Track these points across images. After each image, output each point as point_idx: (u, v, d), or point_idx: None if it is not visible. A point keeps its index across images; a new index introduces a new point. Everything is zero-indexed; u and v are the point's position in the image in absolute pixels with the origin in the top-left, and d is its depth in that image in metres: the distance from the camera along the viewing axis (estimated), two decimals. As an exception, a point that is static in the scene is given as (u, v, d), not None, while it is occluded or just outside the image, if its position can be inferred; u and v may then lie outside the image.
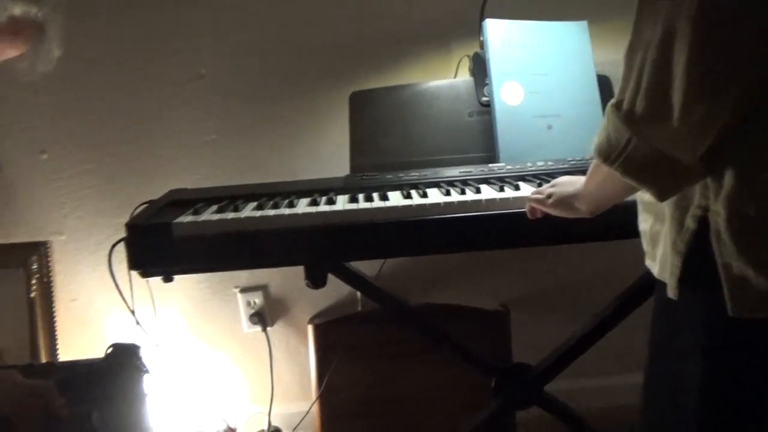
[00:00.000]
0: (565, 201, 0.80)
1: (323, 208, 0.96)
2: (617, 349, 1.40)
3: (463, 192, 0.99)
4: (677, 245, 0.61)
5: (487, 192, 1.00)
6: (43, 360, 1.52)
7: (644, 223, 0.69)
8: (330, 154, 1.48)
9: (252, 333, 1.63)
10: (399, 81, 1.37)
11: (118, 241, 1.02)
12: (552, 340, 1.28)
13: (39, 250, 1.53)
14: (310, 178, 1.19)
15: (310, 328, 1.56)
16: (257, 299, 1.61)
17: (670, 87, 0.54)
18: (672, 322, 0.65)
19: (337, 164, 1.34)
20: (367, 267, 1.31)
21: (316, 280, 0.95)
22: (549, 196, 0.84)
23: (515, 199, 0.95)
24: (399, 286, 1.35)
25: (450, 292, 1.58)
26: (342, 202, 0.99)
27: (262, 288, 1.62)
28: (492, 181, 1.06)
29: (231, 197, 1.05)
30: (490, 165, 1.16)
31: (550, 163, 1.14)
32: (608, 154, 0.60)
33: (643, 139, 0.57)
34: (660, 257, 0.64)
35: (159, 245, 0.91)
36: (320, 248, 0.93)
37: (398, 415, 1.55)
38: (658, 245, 0.66)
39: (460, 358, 1.22)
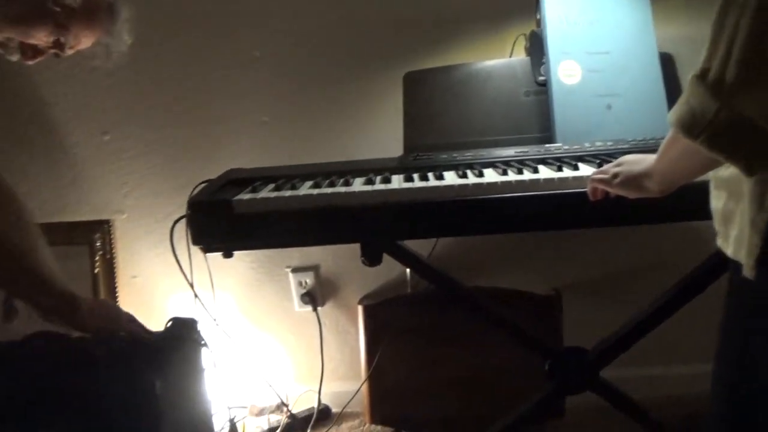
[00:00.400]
0: (634, 180, 0.78)
1: (379, 186, 0.96)
2: (669, 339, 1.37)
3: (520, 172, 0.98)
4: (757, 223, 0.58)
5: (545, 172, 0.98)
6: (106, 333, 1.59)
7: (717, 200, 0.67)
8: (383, 135, 1.48)
9: (303, 312, 1.66)
10: (453, 61, 1.36)
11: (180, 218, 1.06)
12: (604, 327, 1.26)
13: (102, 228, 1.59)
14: (364, 159, 1.20)
15: (360, 309, 1.58)
16: (308, 279, 1.64)
17: (766, 52, 0.51)
18: (748, 303, 0.63)
19: (391, 145, 1.34)
20: (418, 248, 1.31)
21: (371, 258, 0.96)
22: (615, 175, 0.81)
23: (575, 179, 0.93)
24: (449, 268, 1.35)
25: (500, 275, 1.56)
26: (397, 182, 0.99)
27: (314, 268, 1.64)
28: (549, 161, 1.04)
29: (287, 176, 1.07)
30: (547, 145, 1.14)
31: (609, 143, 1.11)
32: (692, 127, 0.57)
33: (733, 109, 0.54)
34: (735, 236, 0.62)
35: (219, 221, 0.94)
36: (376, 226, 0.94)
37: (447, 398, 1.55)
38: (731, 224, 0.63)
39: (515, 341, 1.21)
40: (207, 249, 0.97)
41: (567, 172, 0.97)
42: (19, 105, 1.58)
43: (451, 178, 0.98)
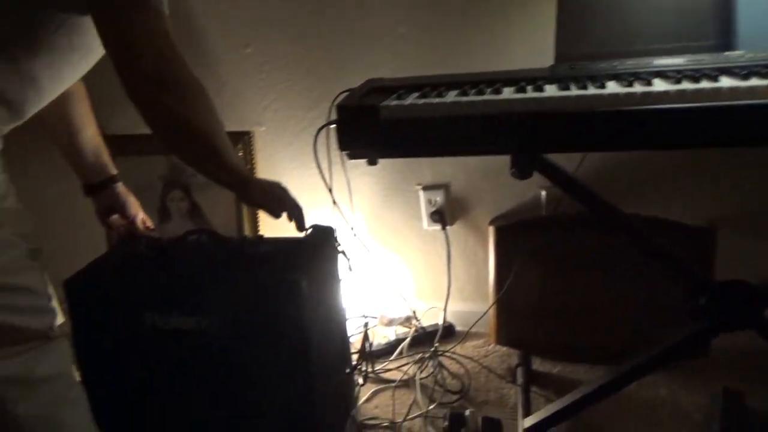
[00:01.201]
0: None
1: (533, 94, 0.90)
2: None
3: (696, 81, 0.87)
4: None
5: (728, 81, 0.86)
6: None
7: None
8: (528, 47, 1.39)
9: (431, 231, 1.66)
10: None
11: (325, 125, 1.06)
12: (760, 267, 1.13)
13: (244, 139, 1.66)
14: (510, 69, 1.12)
15: (491, 230, 1.55)
16: (438, 198, 1.62)
17: None
18: None
19: (536, 58, 1.25)
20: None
21: (522, 171, 0.91)
22: None
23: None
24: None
25: (648, 202, 1.45)
26: (552, 91, 0.92)
27: (444, 186, 1.62)
28: (733, 70, 0.91)
29: (432, 85, 1.03)
30: (726, 53, 1.00)
31: (806, 51, 0.95)
32: None
33: None
34: None
35: (366, 127, 0.93)
36: (528, 137, 0.88)
37: (577, 326, 1.51)
38: None
39: (669, 273, 1.12)
40: (352, 155, 0.97)
41: (755, 81, 0.84)
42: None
43: (613, 87, 0.89)
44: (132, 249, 1.21)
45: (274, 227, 1.71)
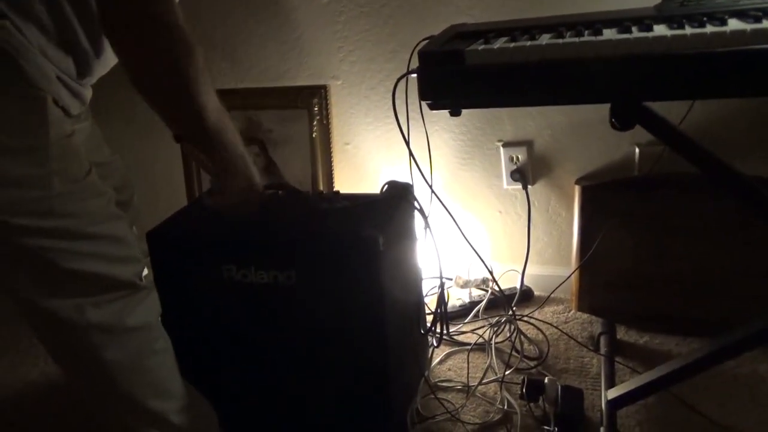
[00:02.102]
0: None
1: (639, 34, 0.80)
2: None
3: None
4: None
5: None
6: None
7: None
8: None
9: (511, 190, 1.58)
10: None
11: (406, 74, 1.00)
12: None
13: (319, 93, 1.63)
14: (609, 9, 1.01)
15: (577, 190, 1.45)
16: (520, 155, 1.53)
17: None
18: None
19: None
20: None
21: (623, 121, 0.82)
22: None
23: None
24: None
25: (753, 161, 1.31)
26: (661, 30, 0.81)
27: (527, 144, 1.53)
28: None
29: (522, 29, 0.94)
30: None
31: None
32: None
33: None
34: None
35: (450, 74, 0.86)
36: (631, 83, 0.79)
37: (666, 295, 1.40)
38: None
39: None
40: (434, 105, 0.90)
41: None
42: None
43: (737, 24, 0.78)
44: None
45: (350, 185, 1.70)
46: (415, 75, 0.88)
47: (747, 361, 1.27)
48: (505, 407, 1.22)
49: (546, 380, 1.18)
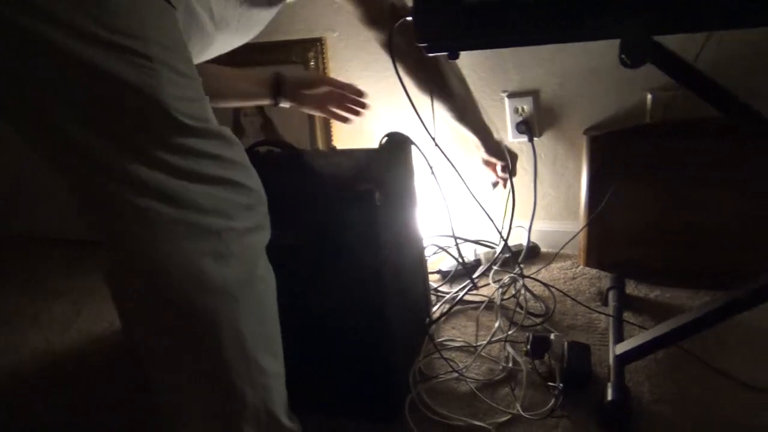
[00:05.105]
0: None
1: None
2: None
3: None
4: None
5: None
6: (321, 151, 1.62)
7: None
8: None
9: (517, 143, 1.52)
10: None
11: (403, 18, 0.94)
12: None
13: (315, 46, 1.56)
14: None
15: (585, 140, 1.39)
16: (526, 106, 1.47)
17: None
18: None
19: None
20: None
21: (634, 57, 0.75)
22: None
23: None
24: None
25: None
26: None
27: (533, 93, 1.46)
28: None
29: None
30: None
31: None
32: None
33: None
34: None
35: (447, 13, 0.80)
36: (643, 13, 0.72)
37: (681, 248, 1.36)
38: None
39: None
40: (431, 48, 0.85)
41: None
42: None
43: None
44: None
45: (349, 142, 1.64)
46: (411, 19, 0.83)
47: (764, 312, 1.23)
48: (510, 365, 1.19)
49: (552, 336, 1.15)
